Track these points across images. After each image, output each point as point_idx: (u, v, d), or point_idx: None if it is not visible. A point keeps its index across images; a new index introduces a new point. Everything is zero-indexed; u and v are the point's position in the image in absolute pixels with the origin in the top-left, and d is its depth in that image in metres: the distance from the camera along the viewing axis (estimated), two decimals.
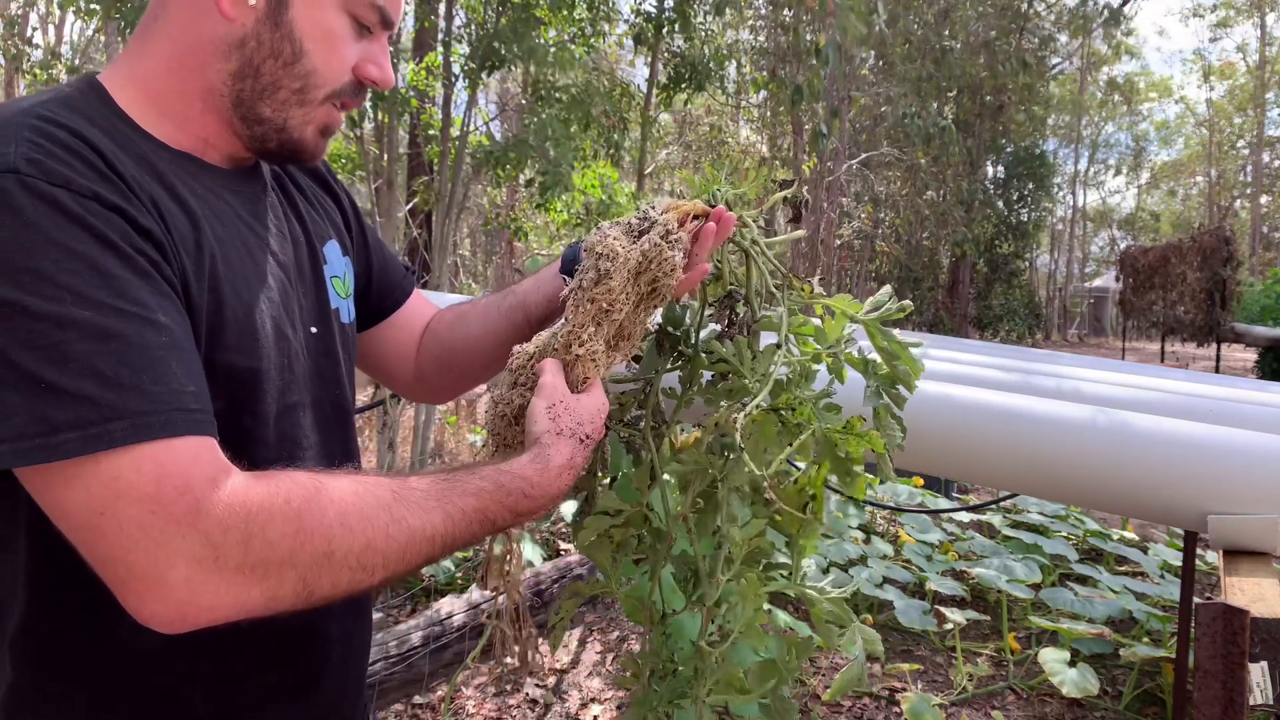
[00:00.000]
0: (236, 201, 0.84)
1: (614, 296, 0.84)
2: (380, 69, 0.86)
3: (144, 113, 0.79)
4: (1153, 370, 1.90)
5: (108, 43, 6.75)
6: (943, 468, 1.33)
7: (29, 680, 0.75)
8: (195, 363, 0.70)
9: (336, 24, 0.81)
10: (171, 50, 0.79)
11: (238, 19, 0.78)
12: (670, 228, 0.86)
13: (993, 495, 4.96)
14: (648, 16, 7.99)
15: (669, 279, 0.85)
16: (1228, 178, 37.45)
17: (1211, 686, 0.84)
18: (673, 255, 0.84)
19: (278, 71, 0.80)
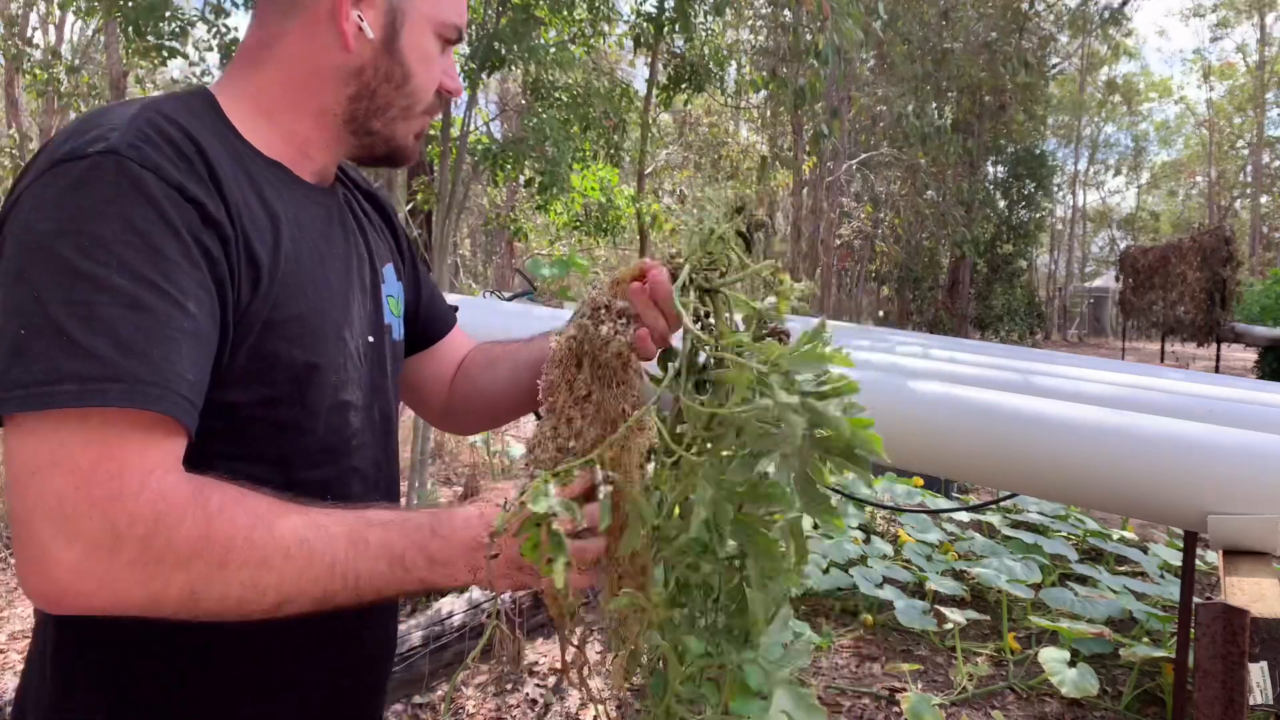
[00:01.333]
0: (316, 213, 0.92)
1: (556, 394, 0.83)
2: (454, 80, 0.96)
3: (251, 125, 0.87)
4: (1153, 370, 1.91)
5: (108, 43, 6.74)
6: (943, 468, 1.33)
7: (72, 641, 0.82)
8: (206, 359, 0.74)
9: (430, 45, 0.91)
10: (289, 75, 0.88)
11: (358, 51, 0.87)
12: (599, 303, 0.84)
13: (993, 495, 4.96)
14: (648, 17, 7.99)
15: (604, 354, 0.82)
16: (1228, 178, 37.45)
17: (1211, 686, 0.84)
18: (599, 331, 0.82)
19: (391, 93, 0.90)
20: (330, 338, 0.87)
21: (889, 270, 20.53)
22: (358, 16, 0.86)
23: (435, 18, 0.90)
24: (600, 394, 0.83)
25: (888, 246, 18.93)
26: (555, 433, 0.83)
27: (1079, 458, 1.17)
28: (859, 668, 3.37)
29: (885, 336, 2.32)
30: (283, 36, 0.88)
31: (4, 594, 4.06)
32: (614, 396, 0.83)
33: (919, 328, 18.66)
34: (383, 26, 0.88)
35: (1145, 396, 1.42)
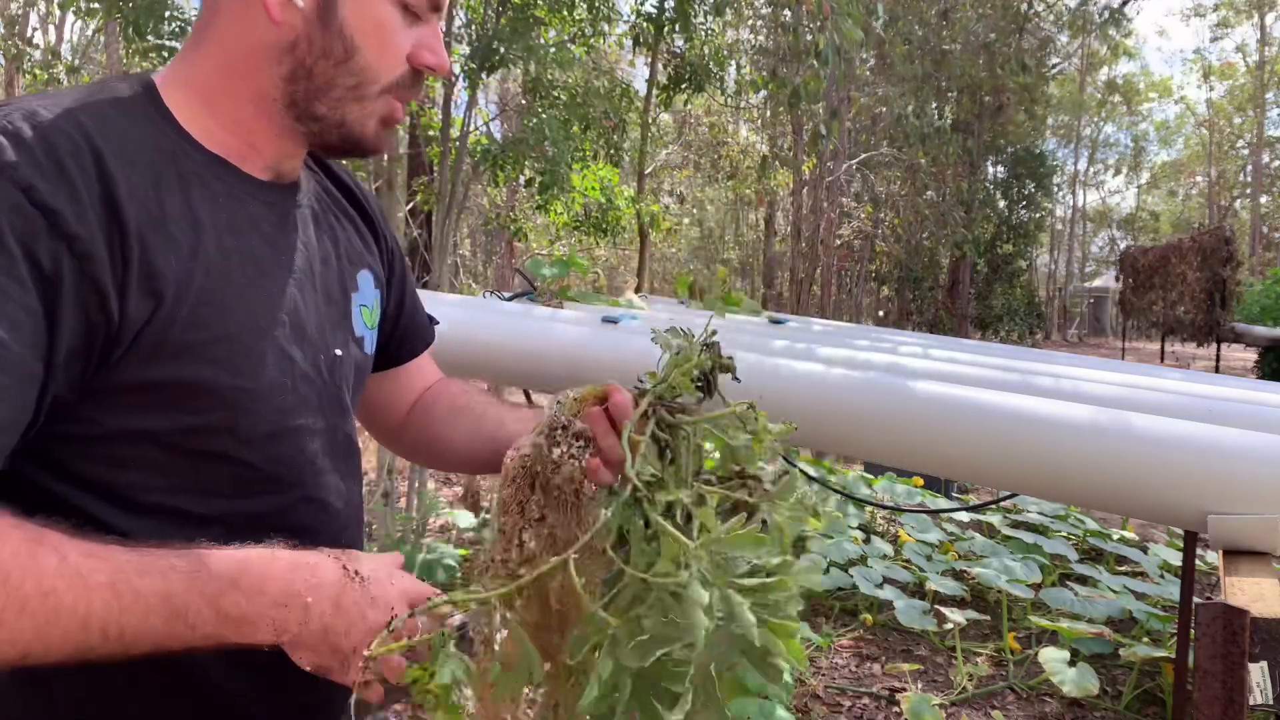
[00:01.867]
0: (263, 212, 0.82)
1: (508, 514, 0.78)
2: (435, 54, 0.82)
3: (193, 115, 0.78)
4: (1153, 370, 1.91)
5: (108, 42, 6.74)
6: (943, 468, 1.33)
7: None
8: (19, 392, 0.65)
9: (386, 15, 0.79)
10: (222, 55, 0.79)
11: (286, 22, 0.76)
12: (557, 423, 0.79)
13: (993, 495, 4.96)
14: (648, 17, 7.99)
15: (556, 477, 0.77)
16: (1228, 178, 37.46)
17: (1211, 686, 0.84)
18: (551, 453, 0.78)
19: (331, 71, 0.78)
20: (269, 357, 0.78)
21: (889, 270, 20.52)
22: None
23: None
24: (553, 517, 0.78)
25: (888, 246, 18.93)
26: (505, 557, 0.77)
27: (1079, 458, 1.17)
28: (859, 668, 3.37)
29: (885, 336, 2.32)
30: (218, 12, 0.79)
31: None
32: (566, 522, 0.78)
33: (919, 328, 18.66)
34: (314, 4, 0.76)
35: (1145, 396, 1.42)
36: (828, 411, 1.38)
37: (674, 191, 16.64)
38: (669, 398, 0.79)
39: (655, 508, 0.73)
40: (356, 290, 0.93)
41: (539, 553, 0.76)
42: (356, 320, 0.92)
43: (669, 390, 0.79)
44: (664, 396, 0.79)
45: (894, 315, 21.33)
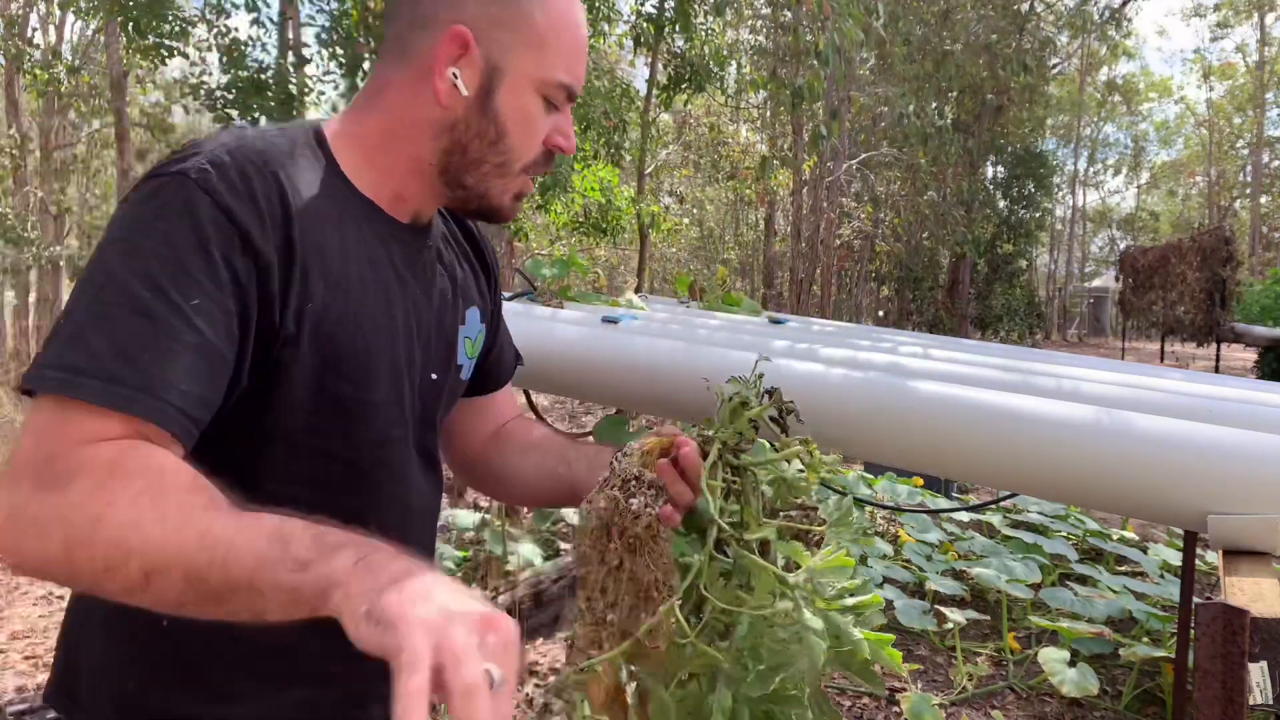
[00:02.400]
0: (398, 251, 0.95)
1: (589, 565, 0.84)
2: (567, 139, 0.96)
3: (354, 165, 0.92)
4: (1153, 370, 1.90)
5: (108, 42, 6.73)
6: (943, 468, 1.33)
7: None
8: (211, 372, 0.76)
9: (532, 106, 0.91)
10: (388, 121, 0.92)
11: (451, 106, 0.89)
12: (629, 475, 0.85)
13: (993, 495, 4.96)
14: (648, 17, 7.99)
15: (636, 527, 0.83)
16: (1228, 178, 37.45)
17: (1211, 686, 0.85)
18: (629, 505, 0.83)
19: (483, 149, 0.91)
20: (384, 376, 0.91)
21: (889, 270, 20.52)
22: (453, 74, 0.89)
23: (539, 77, 0.90)
24: (632, 563, 0.84)
25: (888, 246, 18.93)
26: (590, 605, 0.84)
27: (1079, 458, 1.17)
28: None
29: (885, 336, 2.32)
30: (390, 85, 0.92)
31: (4, 594, 4.06)
32: (646, 566, 0.84)
33: (919, 328, 18.65)
34: (478, 85, 0.89)
35: (1145, 396, 1.42)
36: (828, 411, 1.38)
37: (674, 191, 16.64)
38: (732, 443, 0.87)
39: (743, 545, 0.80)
40: (464, 324, 1.05)
41: (621, 598, 0.82)
42: (459, 350, 1.05)
43: (733, 436, 0.87)
44: (728, 442, 0.86)
45: (894, 315, 21.33)
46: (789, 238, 15.55)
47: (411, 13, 0.91)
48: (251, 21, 6.52)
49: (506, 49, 0.89)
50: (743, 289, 20.21)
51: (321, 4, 6.71)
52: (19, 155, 12.49)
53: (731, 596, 0.78)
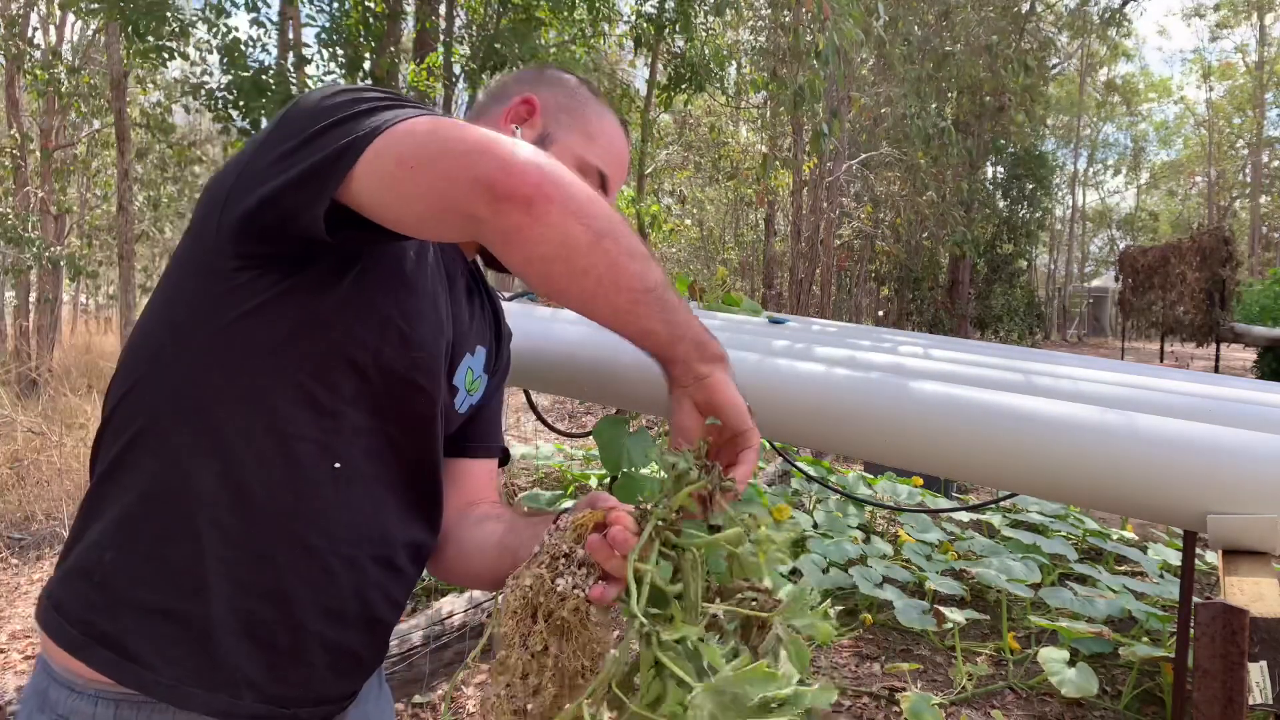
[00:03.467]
0: (444, 262, 1.07)
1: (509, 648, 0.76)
2: None
3: None
4: (1152, 370, 1.90)
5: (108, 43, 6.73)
6: (943, 468, 1.33)
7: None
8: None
9: (574, 168, 1.01)
10: None
11: None
12: (559, 552, 0.78)
13: (993, 495, 4.96)
14: (648, 17, 7.99)
15: (562, 610, 0.75)
16: (1227, 178, 37.45)
17: (1211, 686, 0.85)
18: (555, 585, 0.75)
19: None
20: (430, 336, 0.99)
21: (889, 270, 20.52)
22: (514, 128, 1.10)
23: (579, 155, 1.09)
24: (558, 649, 0.75)
25: (888, 246, 18.93)
26: (510, 692, 0.75)
27: (1079, 458, 1.17)
28: (859, 667, 3.37)
29: (885, 336, 2.32)
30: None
31: (4, 594, 4.07)
32: (573, 653, 0.75)
33: (919, 328, 18.66)
34: (533, 141, 1.07)
35: (1145, 396, 1.42)
36: (828, 411, 1.38)
37: (674, 192, 16.64)
38: (670, 520, 0.78)
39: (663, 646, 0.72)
40: (471, 354, 1.11)
41: (544, 684, 0.74)
42: (460, 373, 1.09)
43: (669, 512, 0.78)
44: (666, 519, 0.78)
45: (894, 315, 21.33)
46: (789, 238, 15.55)
47: (498, 91, 1.15)
48: (251, 21, 6.53)
49: (563, 127, 1.11)
50: (743, 289, 20.22)
51: (322, 4, 6.71)
52: (19, 155, 12.49)
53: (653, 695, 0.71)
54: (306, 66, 6.74)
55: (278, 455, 0.87)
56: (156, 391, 0.88)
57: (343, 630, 0.95)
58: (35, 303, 13.21)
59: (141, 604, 0.86)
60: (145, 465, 0.87)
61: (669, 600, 0.75)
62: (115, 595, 0.86)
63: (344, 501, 0.92)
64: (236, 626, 0.87)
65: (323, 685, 0.95)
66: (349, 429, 0.92)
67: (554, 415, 10.44)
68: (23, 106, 13.15)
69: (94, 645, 0.85)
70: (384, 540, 0.97)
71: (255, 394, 0.87)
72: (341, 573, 0.93)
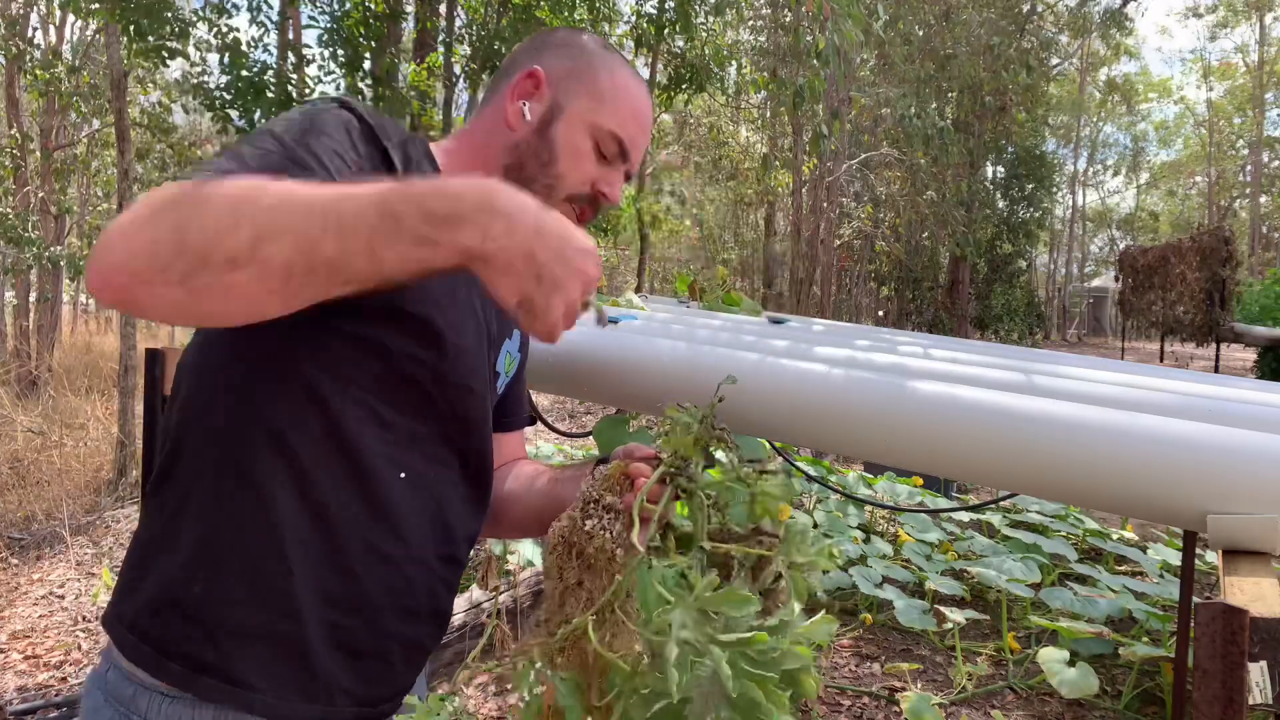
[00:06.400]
0: None
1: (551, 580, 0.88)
2: (610, 190, 1.08)
3: (449, 170, 1.08)
4: (1152, 370, 1.90)
5: (108, 43, 6.73)
6: (943, 468, 1.33)
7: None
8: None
9: (583, 144, 1.06)
10: (475, 139, 1.10)
11: (518, 128, 1.07)
12: (590, 498, 0.90)
13: (993, 495, 4.96)
14: (648, 17, 7.99)
15: (589, 547, 0.86)
16: (1227, 178, 37.45)
17: (1211, 686, 0.85)
18: (584, 525, 0.87)
19: (536, 169, 1.05)
20: (471, 328, 1.02)
21: (889, 270, 20.52)
22: (523, 104, 1.07)
23: (591, 121, 1.06)
24: (590, 583, 0.86)
25: (888, 246, 18.92)
26: (549, 618, 0.86)
27: (1078, 458, 1.17)
28: (859, 667, 3.37)
29: (885, 336, 2.32)
30: (481, 115, 1.12)
31: (4, 594, 4.07)
32: (602, 586, 0.86)
33: (919, 328, 18.65)
34: (541, 115, 1.06)
35: (1145, 396, 1.42)
36: (828, 411, 1.38)
37: (674, 192, 16.66)
38: (680, 467, 0.90)
39: (660, 571, 0.82)
40: (509, 338, 1.16)
41: (575, 613, 0.84)
42: (500, 360, 1.13)
43: (679, 461, 0.90)
44: (676, 466, 0.90)
45: (894, 315, 21.33)
46: (789, 238, 15.54)
47: (508, 64, 1.13)
48: (250, 21, 6.52)
49: (571, 94, 1.06)
50: (743, 289, 20.22)
51: (323, 5, 6.71)
52: (19, 155, 12.48)
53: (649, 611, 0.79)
54: (308, 67, 6.74)
55: (351, 474, 0.92)
56: (228, 422, 0.91)
57: (416, 626, 1.01)
58: (35, 302, 13.20)
59: (241, 629, 0.89)
60: (223, 495, 0.90)
61: (691, 544, 0.87)
62: (213, 623, 0.89)
63: (412, 508, 0.98)
64: (328, 639, 0.93)
65: (400, 679, 1.02)
66: (409, 437, 0.97)
67: (554, 415, 10.44)
68: (23, 106, 13.16)
69: (199, 676, 0.89)
70: (448, 538, 1.03)
71: (326, 420, 0.91)
72: (415, 575, 0.99)
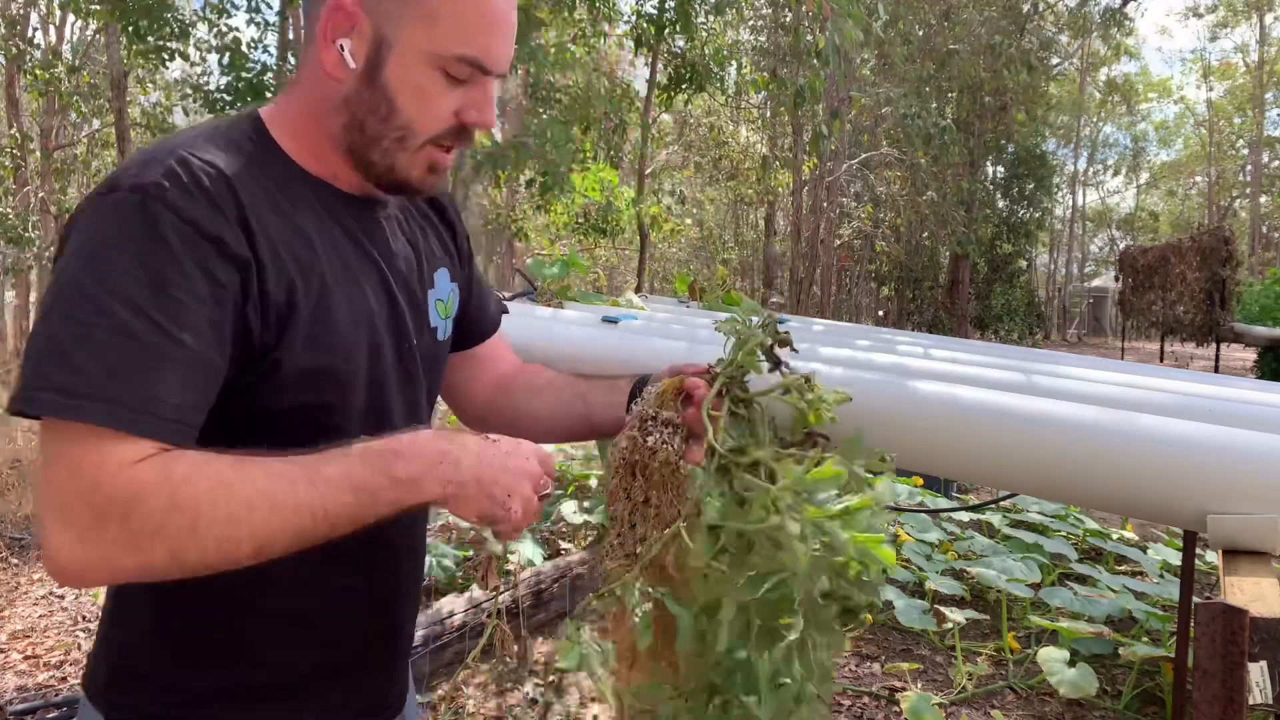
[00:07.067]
0: (354, 224, 0.95)
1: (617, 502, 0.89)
2: (479, 113, 0.92)
3: (293, 146, 0.92)
4: (1152, 370, 1.90)
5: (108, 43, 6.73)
6: (943, 468, 1.33)
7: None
8: (203, 381, 0.80)
9: (425, 80, 0.88)
10: (306, 100, 0.93)
11: (342, 79, 0.89)
12: (646, 415, 0.91)
13: (993, 495, 4.96)
14: (648, 18, 7.99)
15: (653, 462, 0.88)
16: (1227, 178, 37.44)
17: (1211, 686, 0.85)
18: (646, 441, 0.89)
19: (377, 125, 0.89)
20: (364, 346, 0.92)
21: (889, 270, 20.51)
22: (339, 46, 0.87)
23: (430, 51, 0.86)
24: (658, 498, 0.88)
25: (888, 246, 18.92)
26: (620, 540, 0.88)
27: (1079, 458, 1.17)
28: (859, 667, 3.37)
29: (885, 336, 2.32)
30: (305, 63, 0.93)
31: (4, 594, 4.07)
32: (670, 500, 0.88)
33: (919, 328, 18.65)
34: (365, 56, 0.87)
35: (1145, 396, 1.42)
36: None
37: (674, 192, 16.67)
38: (739, 377, 0.92)
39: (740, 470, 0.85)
40: (433, 287, 1.06)
41: (649, 531, 0.87)
42: (432, 313, 1.05)
43: (737, 370, 0.92)
44: (734, 377, 0.92)
45: (893, 315, 21.33)
46: (789, 238, 15.55)
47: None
48: (248, 21, 6.53)
49: (394, 21, 0.86)
50: (742, 289, 20.22)
51: None
52: (19, 155, 12.49)
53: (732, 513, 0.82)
54: None
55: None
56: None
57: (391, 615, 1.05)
58: (35, 303, 13.21)
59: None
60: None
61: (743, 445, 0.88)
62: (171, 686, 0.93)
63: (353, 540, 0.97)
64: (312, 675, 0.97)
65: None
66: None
67: None
68: (23, 106, 13.16)
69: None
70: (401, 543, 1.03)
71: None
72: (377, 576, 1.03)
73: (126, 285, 0.75)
